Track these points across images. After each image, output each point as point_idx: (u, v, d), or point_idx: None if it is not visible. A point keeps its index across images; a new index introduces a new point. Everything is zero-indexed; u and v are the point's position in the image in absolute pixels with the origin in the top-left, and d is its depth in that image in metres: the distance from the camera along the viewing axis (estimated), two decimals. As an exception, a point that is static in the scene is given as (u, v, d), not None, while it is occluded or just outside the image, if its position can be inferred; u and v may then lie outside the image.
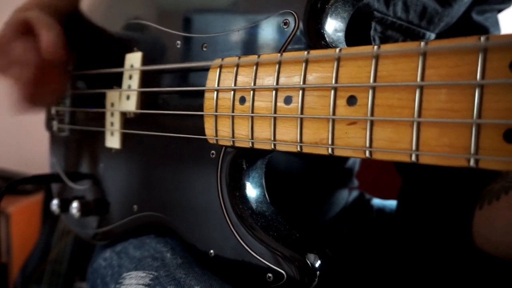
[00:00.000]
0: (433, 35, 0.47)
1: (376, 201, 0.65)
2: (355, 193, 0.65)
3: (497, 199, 0.38)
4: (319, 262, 0.34)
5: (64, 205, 0.56)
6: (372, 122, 0.27)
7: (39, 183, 1.12)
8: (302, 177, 0.59)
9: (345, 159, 0.62)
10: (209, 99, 0.37)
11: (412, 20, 0.44)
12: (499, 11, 0.52)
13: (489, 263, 0.41)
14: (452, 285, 0.46)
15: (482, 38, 0.22)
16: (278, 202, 0.40)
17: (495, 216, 0.38)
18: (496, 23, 0.52)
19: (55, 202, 0.56)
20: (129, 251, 0.46)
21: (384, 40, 0.45)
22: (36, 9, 0.53)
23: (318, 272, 0.33)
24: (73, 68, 0.57)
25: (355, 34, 0.29)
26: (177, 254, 0.42)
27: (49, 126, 0.64)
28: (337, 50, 0.29)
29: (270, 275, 0.34)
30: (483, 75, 0.22)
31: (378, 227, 0.61)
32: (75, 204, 0.53)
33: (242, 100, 0.35)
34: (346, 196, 0.64)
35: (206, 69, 0.38)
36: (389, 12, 0.42)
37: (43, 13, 0.53)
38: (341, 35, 0.34)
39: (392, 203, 0.63)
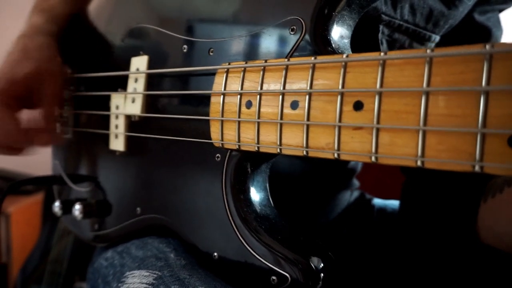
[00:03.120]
0: (438, 38, 0.47)
1: (377, 201, 0.65)
2: (356, 193, 0.66)
3: (500, 192, 0.39)
4: (322, 265, 0.34)
5: (66, 207, 0.56)
6: (378, 128, 0.27)
7: (41, 185, 1.12)
8: (304, 180, 0.60)
9: (346, 161, 0.62)
10: (215, 103, 0.38)
11: (419, 23, 0.45)
12: (501, 10, 0.53)
13: (493, 257, 0.41)
14: (456, 280, 0.47)
15: (488, 46, 0.23)
16: (280, 204, 0.40)
17: (499, 208, 0.39)
18: (498, 23, 0.53)
19: (57, 204, 0.56)
20: (131, 251, 0.46)
21: (391, 43, 0.45)
22: (51, 43, 0.54)
23: (322, 275, 0.34)
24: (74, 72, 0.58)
25: (364, 37, 0.30)
26: (181, 255, 0.42)
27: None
28: (344, 56, 0.29)
29: (274, 278, 0.34)
30: (488, 82, 0.23)
31: (379, 227, 0.61)
32: (77, 206, 0.53)
33: (249, 104, 0.35)
34: (348, 197, 0.64)
35: (212, 74, 0.39)
36: (396, 15, 0.43)
37: (56, 53, 0.53)
38: (347, 41, 0.34)
39: (393, 203, 0.63)
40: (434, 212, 0.51)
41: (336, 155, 0.29)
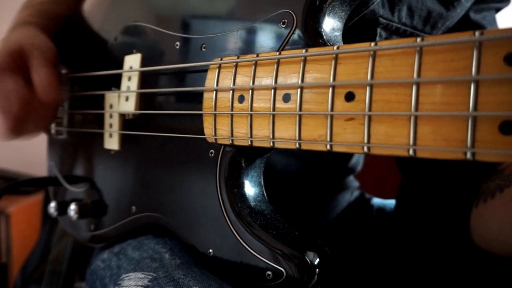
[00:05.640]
0: None
1: (376, 201, 0.65)
2: (356, 193, 0.66)
3: (492, 197, 0.38)
4: (318, 260, 0.34)
5: (62, 208, 0.56)
6: (370, 118, 0.27)
7: (36, 186, 1.12)
8: (302, 181, 0.60)
9: (347, 160, 0.62)
10: (208, 99, 0.38)
11: (416, 25, 0.44)
12: (497, 10, 0.53)
13: (487, 259, 0.41)
14: (451, 282, 0.46)
15: (477, 33, 0.23)
16: (280, 204, 0.40)
17: (490, 214, 0.39)
18: (494, 21, 0.52)
19: (52, 205, 0.56)
20: (127, 252, 0.46)
21: None
22: (32, 27, 0.53)
23: (317, 269, 0.33)
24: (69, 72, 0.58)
25: (361, 41, 0.30)
26: (176, 254, 0.41)
27: (47, 129, 0.64)
28: (335, 47, 0.29)
29: (269, 273, 0.34)
30: (478, 69, 0.23)
31: (377, 226, 0.61)
32: (73, 207, 0.53)
33: (241, 99, 0.35)
34: (348, 197, 0.64)
35: (205, 70, 0.39)
36: (394, 18, 0.42)
37: (39, 31, 0.52)
38: (338, 34, 0.34)
39: (392, 202, 0.63)
40: (429, 213, 0.51)
41: (328, 147, 0.29)
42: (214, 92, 0.37)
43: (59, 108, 0.59)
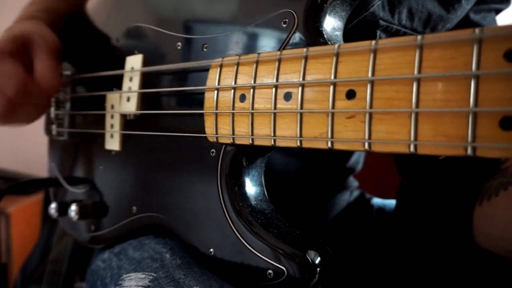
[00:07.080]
0: None
1: (376, 201, 0.65)
2: (356, 193, 0.65)
3: (496, 195, 0.38)
4: (319, 259, 0.34)
5: (62, 209, 0.56)
6: (370, 115, 0.27)
7: (37, 187, 1.12)
8: (301, 180, 0.60)
9: (346, 159, 0.62)
10: (210, 98, 0.38)
11: (416, 27, 0.44)
12: (497, 12, 0.53)
13: (489, 260, 0.41)
14: (452, 282, 0.46)
15: (477, 30, 0.23)
16: (280, 204, 0.40)
17: (494, 212, 0.39)
18: (494, 22, 0.53)
19: (53, 206, 0.56)
20: (128, 252, 0.46)
21: None
22: (39, 21, 0.53)
23: (319, 268, 0.33)
24: (73, 74, 0.58)
25: None
26: (176, 254, 0.41)
27: (48, 131, 0.64)
28: (336, 46, 0.29)
29: (270, 271, 0.34)
30: (478, 66, 0.23)
31: (378, 226, 0.61)
32: (73, 208, 0.53)
33: (242, 98, 0.35)
34: (348, 197, 0.64)
35: (206, 69, 0.39)
36: (394, 21, 0.43)
37: (45, 25, 0.52)
38: (339, 34, 0.34)
39: (392, 202, 0.63)
40: (429, 213, 0.51)
41: (329, 144, 0.29)
42: (216, 91, 0.37)
43: (61, 109, 0.60)
